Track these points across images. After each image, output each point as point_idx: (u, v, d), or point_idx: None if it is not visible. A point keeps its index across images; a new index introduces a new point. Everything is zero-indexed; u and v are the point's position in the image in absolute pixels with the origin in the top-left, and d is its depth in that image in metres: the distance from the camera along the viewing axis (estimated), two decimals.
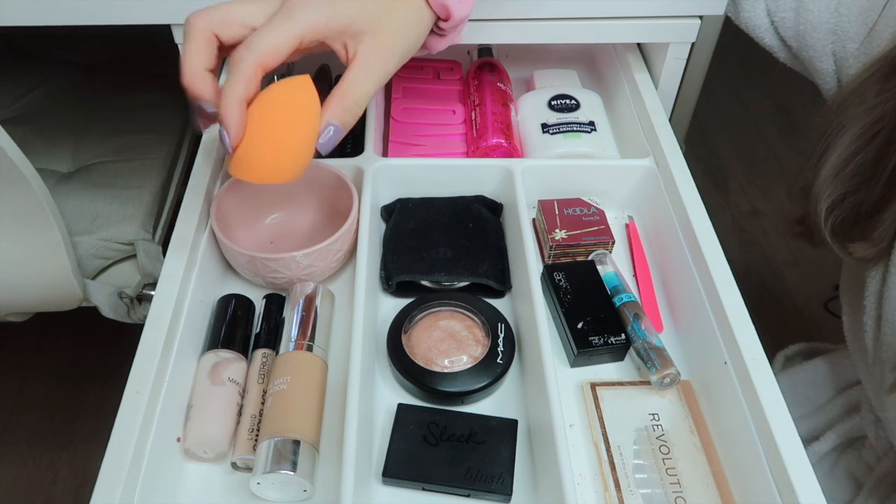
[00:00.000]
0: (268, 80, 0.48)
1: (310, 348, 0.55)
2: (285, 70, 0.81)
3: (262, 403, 0.53)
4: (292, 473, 0.47)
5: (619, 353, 0.58)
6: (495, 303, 0.61)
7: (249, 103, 0.48)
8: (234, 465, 0.51)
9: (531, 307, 0.55)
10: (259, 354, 0.56)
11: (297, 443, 0.49)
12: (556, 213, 0.66)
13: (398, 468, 0.50)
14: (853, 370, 0.73)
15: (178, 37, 0.68)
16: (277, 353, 0.55)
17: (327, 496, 0.50)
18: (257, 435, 0.51)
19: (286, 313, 0.57)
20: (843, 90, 0.55)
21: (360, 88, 0.48)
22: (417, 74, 0.80)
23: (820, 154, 0.54)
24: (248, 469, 0.51)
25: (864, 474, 0.66)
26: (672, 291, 0.63)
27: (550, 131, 0.72)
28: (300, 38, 0.47)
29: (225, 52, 0.49)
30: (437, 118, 0.76)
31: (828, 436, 0.69)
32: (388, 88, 0.79)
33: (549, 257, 0.65)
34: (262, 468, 0.48)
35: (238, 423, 0.52)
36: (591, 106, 0.75)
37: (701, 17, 0.69)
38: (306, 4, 0.46)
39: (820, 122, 0.55)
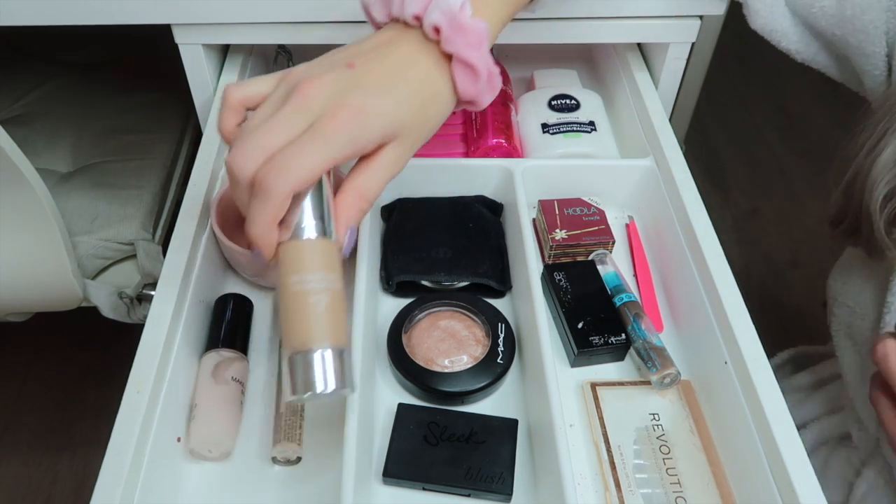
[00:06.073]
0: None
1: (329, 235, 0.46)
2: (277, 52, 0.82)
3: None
4: (352, 393, 0.43)
5: (619, 353, 0.58)
6: (495, 303, 0.61)
7: None
8: (280, 461, 0.52)
9: (531, 307, 0.55)
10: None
11: (343, 351, 0.43)
12: (557, 213, 0.66)
13: (398, 468, 0.50)
14: (832, 366, 0.73)
15: (178, 37, 0.68)
16: (297, 238, 0.44)
17: (327, 496, 0.50)
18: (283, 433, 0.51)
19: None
20: None
21: (376, 189, 0.46)
22: None
23: (876, 140, 0.52)
24: (290, 463, 0.52)
25: (853, 475, 0.66)
26: (672, 291, 0.63)
27: (550, 131, 0.72)
28: (338, 162, 0.42)
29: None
30: None
31: (812, 426, 0.69)
32: None
33: (549, 257, 0.65)
34: (322, 385, 0.40)
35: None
36: (591, 106, 0.75)
37: (701, 17, 0.69)
38: (342, 126, 0.42)
39: (870, 110, 0.54)
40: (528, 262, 0.58)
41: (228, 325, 0.57)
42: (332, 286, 0.42)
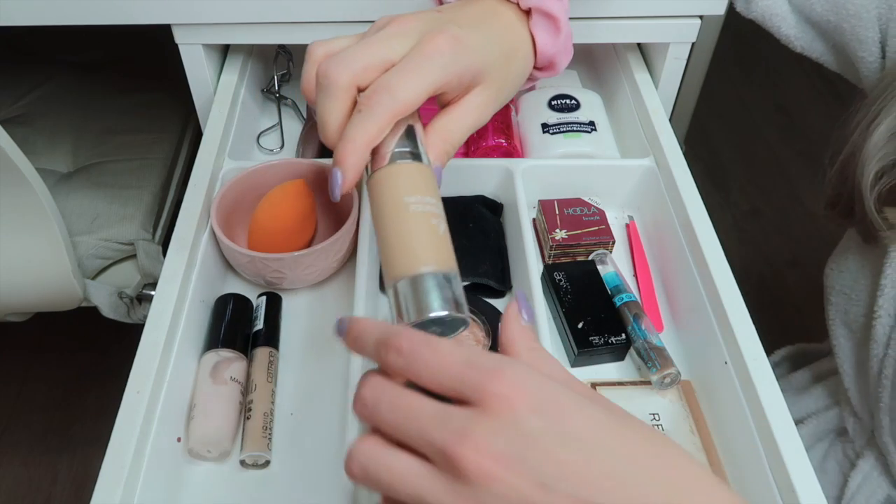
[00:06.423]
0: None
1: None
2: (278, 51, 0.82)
3: (268, 384, 0.53)
4: (466, 326, 0.39)
5: (619, 353, 0.58)
6: (495, 303, 0.61)
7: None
8: (242, 463, 0.51)
9: (531, 307, 0.55)
10: (266, 353, 0.56)
11: (455, 277, 0.40)
12: (557, 212, 0.66)
13: None
14: (829, 362, 0.73)
15: (178, 37, 0.68)
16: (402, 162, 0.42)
17: (328, 497, 0.50)
18: (271, 434, 0.52)
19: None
20: None
21: (459, 133, 0.46)
22: None
23: (870, 120, 0.53)
24: (258, 466, 0.51)
25: (849, 467, 0.66)
26: (672, 291, 0.63)
27: (550, 131, 0.72)
28: (437, 89, 0.42)
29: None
30: None
31: (809, 421, 0.69)
32: None
33: (549, 257, 0.65)
34: (438, 308, 0.36)
35: (248, 419, 0.52)
36: (591, 106, 0.75)
37: (701, 17, 0.69)
38: (444, 51, 0.42)
39: (869, 89, 0.54)
40: (528, 262, 0.58)
41: (228, 325, 0.57)
42: (444, 213, 0.41)
